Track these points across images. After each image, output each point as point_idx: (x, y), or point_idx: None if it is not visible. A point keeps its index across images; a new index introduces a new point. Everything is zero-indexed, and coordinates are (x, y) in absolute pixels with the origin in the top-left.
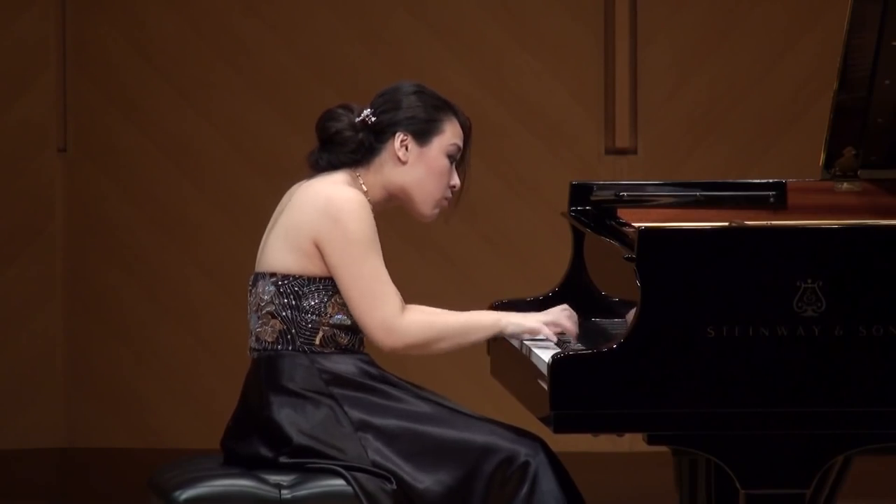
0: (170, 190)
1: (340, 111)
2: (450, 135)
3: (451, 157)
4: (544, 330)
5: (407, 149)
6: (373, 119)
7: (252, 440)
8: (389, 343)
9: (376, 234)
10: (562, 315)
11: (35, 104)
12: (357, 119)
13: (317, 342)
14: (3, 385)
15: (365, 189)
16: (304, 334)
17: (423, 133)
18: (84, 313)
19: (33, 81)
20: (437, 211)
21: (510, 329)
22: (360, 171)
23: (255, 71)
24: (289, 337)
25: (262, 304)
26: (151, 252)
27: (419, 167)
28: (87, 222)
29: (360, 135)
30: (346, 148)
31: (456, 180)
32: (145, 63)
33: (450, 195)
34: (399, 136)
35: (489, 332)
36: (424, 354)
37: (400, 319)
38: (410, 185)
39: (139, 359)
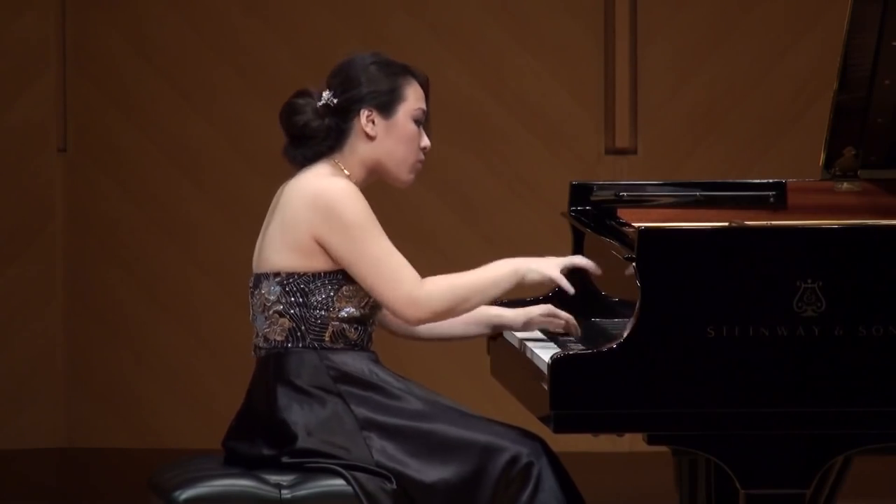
0: (170, 190)
1: (301, 102)
2: (413, 100)
3: (417, 121)
4: (562, 280)
5: (374, 123)
6: (334, 101)
7: (256, 439)
8: (417, 315)
9: (373, 215)
10: (575, 258)
11: (35, 104)
12: (319, 104)
13: (326, 338)
14: (3, 385)
15: (347, 173)
16: (314, 330)
17: (386, 105)
18: (84, 313)
19: (33, 81)
20: (412, 175)
21: (530, 277)
22: (337, 157)
23: (254, 71)
24: (298, 334)
25: (269, 305)
26: (151, 252)
27: (389, 139)
28: (87, 222)
29: (326, 120)
30: (316, 139)
31: (426, 141)
32: (145, 63)
33: (423, 157)
34: (364, 113)
35: (511, 282)
36: (453, 317)
37: (422, 290)
38: (383, 156)
39: (139, 359)
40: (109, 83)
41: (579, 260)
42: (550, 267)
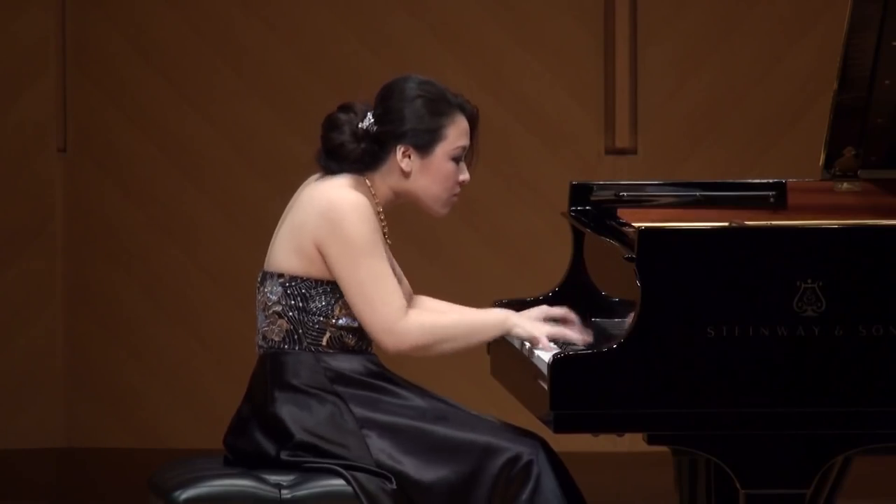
0: (170, 190)
1: (342, 117)
2: (453, 138)
3: (456, 158)
4: (545, 343)
5: (410, 158)
6: (374, 129)
7: (255, 435)
8: (392, 345)
9: (377, 236)
10: (567, 331)
11: (35, 104)
12: (360, 125)
13: (324, 343)
14: (3, 385)
15: (373, 192)
16: (310, 335)
17: (425, 145)
18: (84, 313)
19: (33, 81)
20: (447, 209)
21: (516, 331)
22: (367, 175)
23: (255, 71)
24: (296, 337)
25: (270, 304)
26: (151, 252)
27: (423, 177)
28: (87, 222)
29: (363, 144)
30: (350, 158)
31: (465, 176)
32: (145, 63)
33: (458, 191)
34: (401, 149)
35: (495, 333)
36: (430, 356)
37: (402, 322)
38: (417, 191)
39: (139, 359)
40: (109, 83)
41: (569, 335)
42: (537, 330)
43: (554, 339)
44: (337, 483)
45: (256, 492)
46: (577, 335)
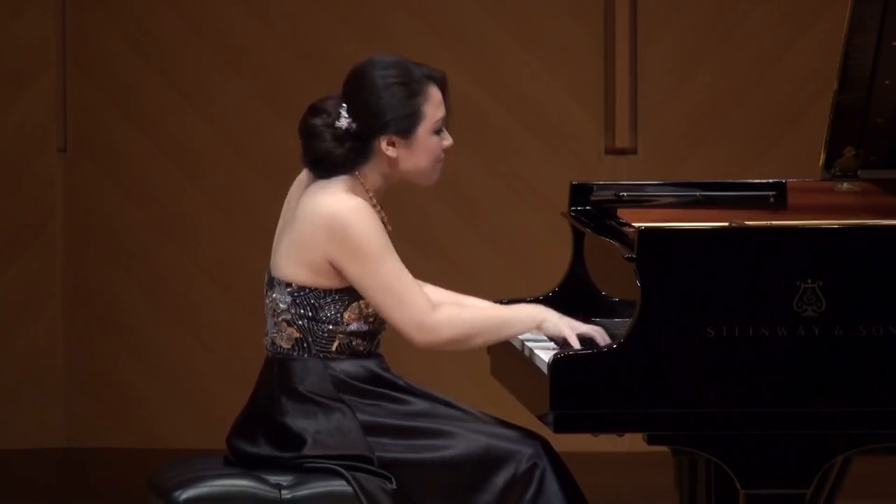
0: (170, 190)
1: (318, 123)
2: (432, 113)
3: (438, 130)
4: (574, 341)
5: (394, 146)
6: (354, 126)
7: (260, 441)
8: (426, 341)
9: (385, 237)
10: (596, 333)
11: (35, 104)
12: (337, 124)
13: (333, 349)
14: (3, 385)
15: (366, 188)
16: (320, 342)
17: (407, 129)
18: (84, 313)
19: (33, 81)
20: (436, 175)
21: (546, 325)
22: (358, 171)
23: (254, 71)
24: (305, 345)
25: (279, 311)
26: (151, 252)
27: (411, 158)
28: (87, 222)
29: (347, 145)
30: (338, 163)
31: (448, 141)
32: (145, 63)
33: (443, 156)
34: (384, 140)
35: (527, 327)
36: (462, 350)
37: (432, 317)
38: (407, 171)
39: (139, 359)
40: (109, 83)
41: (598, 337)
42: (567, 326)
43: (581, 339)
44: (337, 483)
45: (256, 492)
46: (603, 340)
